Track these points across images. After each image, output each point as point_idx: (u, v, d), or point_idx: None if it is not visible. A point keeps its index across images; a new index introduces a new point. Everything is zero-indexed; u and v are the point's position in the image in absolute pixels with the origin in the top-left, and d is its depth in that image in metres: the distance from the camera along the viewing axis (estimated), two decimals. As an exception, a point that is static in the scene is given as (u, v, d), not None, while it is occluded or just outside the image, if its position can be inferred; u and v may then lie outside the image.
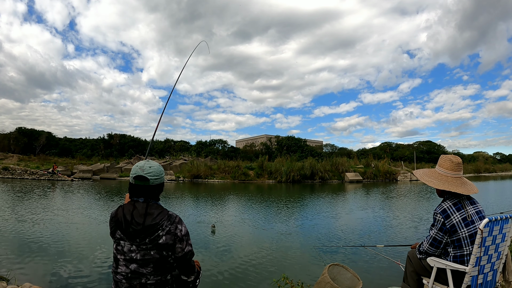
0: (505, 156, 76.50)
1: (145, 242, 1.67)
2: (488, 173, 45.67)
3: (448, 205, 2.19)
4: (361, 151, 56.43)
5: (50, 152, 45.85)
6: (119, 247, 1.72)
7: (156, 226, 1.67)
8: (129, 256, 1.69)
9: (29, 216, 8.53)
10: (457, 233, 2.13)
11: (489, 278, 2.15)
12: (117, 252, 1.74)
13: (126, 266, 1.70)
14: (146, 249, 1.67)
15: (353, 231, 7.47)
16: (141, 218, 1.67)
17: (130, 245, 1.70)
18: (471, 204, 2.22)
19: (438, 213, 2.19)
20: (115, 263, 1.75)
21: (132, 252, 1.69)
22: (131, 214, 1.70)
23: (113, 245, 1.78)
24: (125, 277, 1.70)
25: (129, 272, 1.69)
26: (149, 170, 1.78)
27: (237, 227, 7.88)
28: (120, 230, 1.71)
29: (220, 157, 39.91)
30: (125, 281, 1.71)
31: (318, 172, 27.80)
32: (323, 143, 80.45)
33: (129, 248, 1.70)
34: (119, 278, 1.72)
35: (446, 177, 2.30)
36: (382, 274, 4.49)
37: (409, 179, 29.82)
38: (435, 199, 15.09)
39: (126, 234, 1.69)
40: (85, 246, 5.80)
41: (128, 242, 1.70)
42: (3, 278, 3.83)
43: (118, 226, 1.72)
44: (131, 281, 1.69)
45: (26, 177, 25.32)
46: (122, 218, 1.71)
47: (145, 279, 1.68)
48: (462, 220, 2.13)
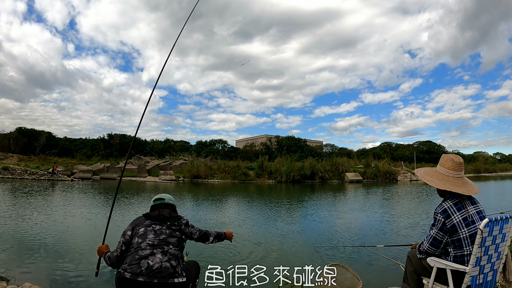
0: (505, 156, 76.47)
1: (174, 224, 2.29)
2: (488, 173, 45.66)
3: (449, 205, 2.17)
4: (361, 151, 56.43)
5: (50, 152, 45.85)
6: (149, 228, 2.19)
7: (179, 217, 2.37)
8: (159, 231, 2.18)
9: (29, 216, 8.52)
10: (458, 233, 2.13)
11: (489, 278, 2.15)
12: (146, 230, 2.17)
13: (155, 236, 2.14)
14: (173, 230, 2.25)
15: (353, 231, 7.47)
16: (168, 214, 2.34)
17: (160, 226, 2.22)
18: (471, 204, 2.20)
19: (438, 212, 2.18)
20: (141, 239, 2.12)
21: (162, 229, 2.21)
22: (159, 213, 2.32)
23: (139, 230, 2.19)
24: (151, 244, 2.08)
25: (158, 240, 2.12)
26: (165, 195, 2.50)
27: (237, 227, 7.88)
28: (151, 220, 2.26)
29: (220, 157, 39.92)
30: (149, 247, 2.06)
31: (318, 172, 27.79)
32: (323, 143, 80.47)
33: (160, 228, 2.21)
34: (143, 247, 2.06)
35: (448, 176, 2.28)
36: (382, 274, 4.48)
37: (409, 179, 29.81)
38: (434, 199, 15.09)
39: (158, 219, 2.26)
40: (85, 246, 5.80)
41: (159, 225, 2.23)
42: (3, 278, 3.83)
43: (149, 218, 2.28)
44: (155, 247, 2.07)
45: (26, 177, 25.31)
46: (152, 214, 2.30)
47: (168, 247, 2.11)
48: (463, 220, 2.12)
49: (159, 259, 2.01)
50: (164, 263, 2.00)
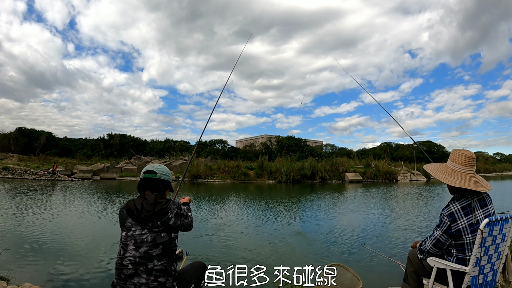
0: (505, 156, 76.51)
1: (157, 224, 1.88)
2: (488, 173, 45.67)
3: (457, 208, 2.09)
4: (361, 151, 56.41)
5: (50, 152, 45.85)
6: (130, 232, 1.89)
7: (166, 209, 1.92)
8: (140, 239, 1.86)
9: (29, 216, 8.53)
10: (462, 238, 2.09)
11: (489, 278, 2.15)
12: (127, 238, 1.88)
13: (136, 250, 1.84)
14: (158, 232, 1.88)
15: (353, 231, 7.47)
16: (152, 206, 1.90)
17: (141, 229, 1.88)
18: (481, 208, 2.12)
19: (445, 215, 2.11)
20: (123, 250, 1.87)
21: (143, 235, 1.87)
22: (142, 204, 1.91)
23: (122, 233, 1.92)
24: (133, 262, 1.83)
25: (138, 256, 1.83)
26: (158, 167, 2.07)
27: (237, 227, 7.88)
28: (132, 217, 1.90)
29: (220, 157, 39.94)
30: (132, 266, 1.82)
31: (318, 172, 27.80)
32: (323, 143, 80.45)
33: (141, 232, 1.88)
34: (125, 264, 1.83)
35: (460, 173, 2.17)
36: (382, 274, 4.48)
37: (409, 179, 29.82)
38: (435, 199, 15.09)
39: (138, 220, 1.88)
40: (85, 246, 5.80)
41: (139, 227, 1.88)
42: (3, 278, 3.83)
43: (130, 214, 1.91)
44: (138, 266, 1.82)
45: (26, 177, 25.31)
46: (133, 207, 1.90)
47: (152, 264, 1.83)
48: (469, 226, 2.06)
49: (144, 280, 1.83)
50: (151, 283, 1.84)
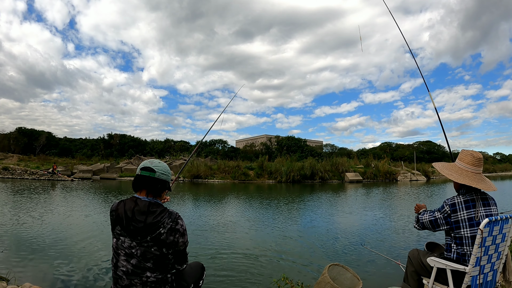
0: (505, 156, 76.52)
1: (147, 240, 1.66)
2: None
3: (459, 200, 2.18)
4: (361, 151, 56.46)
5: (50, 152, 45.87)
6: (119, 241, 1.72)
7: (158, 224, 1.67)
8: (130, 252, 1.68)
9: (29, 216, 8.52)
10: (460, 230, 2.14)
11: (489, 278, 2.15)
12: (117, 246, 1.73)
13: (127, 262, 1.69)
14: (147, 246, 1.67)
15: (353, 231, 7.46)
16: (143, 216, 1.67)
17: (130, 242, 1.69)
18: (483, 206, 2.19)
19: (448, 204, 2.20)
20: (116, 258, 1.74)
21: (132, 248, 1.68)
22: (132, 211, 1.68)
23: (113, 239, 1.77)
24: (126, 273, 1.69)
25: (131, 268, 1.68)
26: (158, 164, 1.83)
27: (237, 227, 7.88)
28: (121, 226, 1.70)
29: (220, 157, 39.94)
30: (126, 277, 1.69)
31: (318, 172, 27.78)
32: (323, 143, 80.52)
33: (129, 244, 1.69)
34: (119, 274, 1.71)
35: (467, 171, 2.26)
36: (382, 274, 4.48)
37: (409, 179, 29.82)
38: (435, 199, 15.09)
39: (127, 231, 1.68)
40: (85, 246, 5.80)
41: (128, 238, 1.69)
42: (3, 278, 3.83)
43: (119, 222, 1.71)
44: (132, 277, 1.68)
45: (26, 177, 25.31)
46: (123, 214, 1.70)
47: (145, 276, 1.68)
48: (468, 220, 2.13)
49: None
50: None
